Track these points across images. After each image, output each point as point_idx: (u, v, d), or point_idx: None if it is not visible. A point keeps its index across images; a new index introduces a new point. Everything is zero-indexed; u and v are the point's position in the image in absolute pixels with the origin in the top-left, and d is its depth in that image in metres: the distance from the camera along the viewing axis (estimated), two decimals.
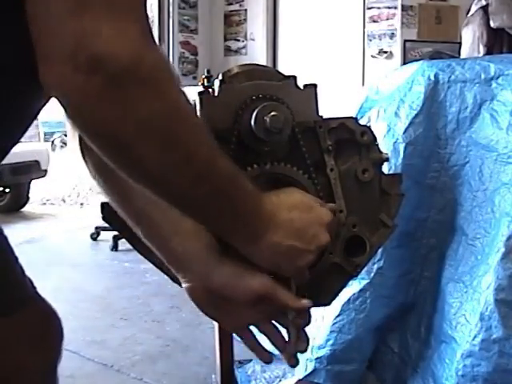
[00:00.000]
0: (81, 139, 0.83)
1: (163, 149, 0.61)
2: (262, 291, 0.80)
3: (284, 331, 0.88)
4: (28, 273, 0.93)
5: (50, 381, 0.87)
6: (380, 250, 1.07)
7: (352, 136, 0.93)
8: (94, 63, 0.54)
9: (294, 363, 0.87)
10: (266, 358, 0.89)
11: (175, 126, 0.61)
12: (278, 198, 0.77)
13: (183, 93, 0.63)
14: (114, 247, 4.43)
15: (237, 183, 0.70)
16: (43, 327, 0.86)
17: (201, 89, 0.90)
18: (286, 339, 0.88)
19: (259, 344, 0.88)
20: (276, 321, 0.88)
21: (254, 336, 0.88)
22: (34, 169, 5.81)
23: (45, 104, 0.83)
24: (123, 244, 4.29)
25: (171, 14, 7.17)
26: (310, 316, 0.86)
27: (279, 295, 0.80)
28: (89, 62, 0.54)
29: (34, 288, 0.88)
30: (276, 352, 2.18)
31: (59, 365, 0.89)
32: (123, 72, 0.55)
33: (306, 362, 1.94)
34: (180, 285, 0.84)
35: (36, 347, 0.84)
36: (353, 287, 1.87)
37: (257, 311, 0.84)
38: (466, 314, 1.65)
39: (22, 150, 5.28)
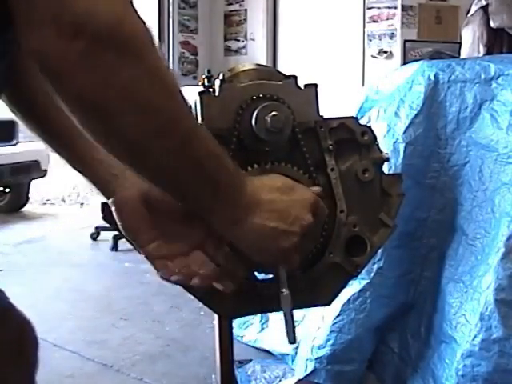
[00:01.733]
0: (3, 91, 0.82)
1: (143, 115, 0.60)
2: None
3: None
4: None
5: None
6: (380, 250, 1.07)
7: (352, 136, 0.93)
8: (77, 26, 0.54)
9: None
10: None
11: (156, 93, 0.60)
12: (259, 180, 0.77)
13: (164, 60, 0.63)
14: (114, 247, 4.43)
15: (219, 160, 0.69)
16: (19, 340, 0.84)
17: (201, 89, 0.90)
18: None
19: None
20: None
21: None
22: (33, 169, 5.81)
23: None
24: (123, 244, 4.29)
25: (171, 14, 7.17)
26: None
27: None
28: (72, 25, 0.54)
29: (7, 298, 0.85)
30: (276, 352, 2.16)
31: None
32: (104, 35, 0.55)
33: (306, 362, 1.94)
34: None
35: (12, 360, 0.82)
36: (353, 287, 1.87)
37: (191, 232, 0.78)
38: (466, 314, 1.65)
39: (22, 150, 5.28)
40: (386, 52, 6.44)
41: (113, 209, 0.79)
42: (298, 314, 2.19)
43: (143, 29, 0.59)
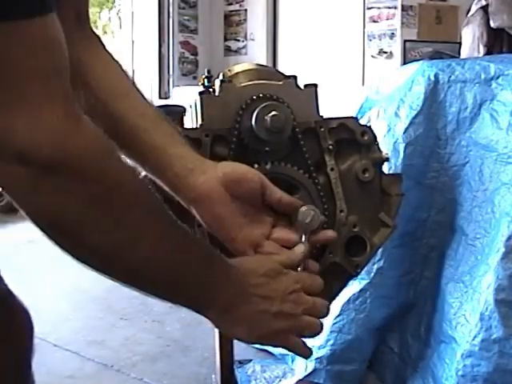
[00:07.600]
0: None
1: (106, 231, 0.61)
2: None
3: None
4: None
5: (17, 378, 0.86)
6: (380, 250, 1.07)
7: (352, 136, 0.93)
8: (20, 157, 0.54)
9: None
10: None
11: (116, 209, 0.60)
12: (245, 266, 0.76)
13: (125, 165, 0.63)
14: None
15: (198, 259, 0.70)
16: (9, 323, 0.84)
17: (201, 89, 0.90)
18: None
19: None
20: None
21: None
22: None
23: None
24: None
25: (171, 14, 7.17)
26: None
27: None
28: (15, 157, 0.54)
29: (6, 285, 0.86)
30: (276, 352, 2.17)
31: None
32: (48, 162, 0.55)
33: (306, 362, 1.94)
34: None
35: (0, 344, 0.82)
36: (353, 287, 1.87)
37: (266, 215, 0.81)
38: (466, 314, 1.65)
39: None
40: (386, 52, 6.43)
41: (193, 206, 0.79)
42: None
43: (92, 142, 0.58)
